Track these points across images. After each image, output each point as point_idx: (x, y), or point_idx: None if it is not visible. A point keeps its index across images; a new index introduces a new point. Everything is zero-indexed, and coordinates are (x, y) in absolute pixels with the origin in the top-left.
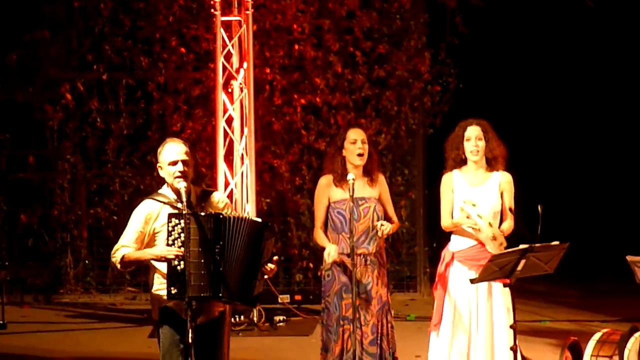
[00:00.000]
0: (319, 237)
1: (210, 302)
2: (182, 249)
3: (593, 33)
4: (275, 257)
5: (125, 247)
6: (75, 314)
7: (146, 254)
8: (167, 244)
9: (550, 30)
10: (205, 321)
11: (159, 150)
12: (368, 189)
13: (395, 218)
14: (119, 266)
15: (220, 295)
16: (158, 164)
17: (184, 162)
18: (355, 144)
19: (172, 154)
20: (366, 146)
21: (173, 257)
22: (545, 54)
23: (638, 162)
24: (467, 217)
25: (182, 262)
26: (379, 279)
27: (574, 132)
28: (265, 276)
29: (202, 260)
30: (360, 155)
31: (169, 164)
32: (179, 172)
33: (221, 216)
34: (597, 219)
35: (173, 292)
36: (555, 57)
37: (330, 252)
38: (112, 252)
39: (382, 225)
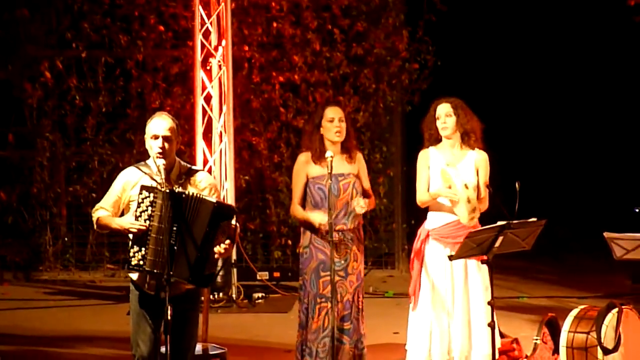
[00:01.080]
0: (298, 211)
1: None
2: (148, 222)
3: (572, 10)
4: (228, 241)
5: (102, 210)
6: (55, 291)
7: (114, 222)
8: (135, 215)
9: (528, 5)
10: (172, 296)
11: (147, 122)
12: (347, 165)
13: (372, 194)
14: (95, 226)
15: (171, 273)
16: (145, 135)
17: (165, 137)
18: (333, 122)
19: (155, 128)
20: (343, 124)
21: (135, 231)
22: (523, 29)
23: (616, 138)
24: (449, 187)
25: (144, 235)
26: (358, 255)
27: (551, 109)
28: (216, 256)
29: (161, 237)
30: (337, 133)
31: (151, 137)
32: (159, 147)
33: (184, 195)
34: (574, 196)
35: (133, 262)
36: (533, 33)
37: (322, 220)
38: (92, 210)
39: (358, 203)
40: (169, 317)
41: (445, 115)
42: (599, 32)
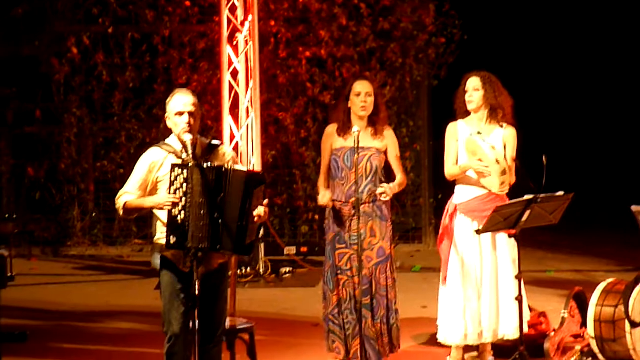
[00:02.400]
0: (319, 183)
1: (210, 253)
2: (183, 199)
3: None
4: (266, 202)
5: (128, 194)
6: (83, 266)
7: (147, 201)
8: (169, 194)
9: None
10: (205, 272)
11: (167, 101)
12: (370, 139)
13: (400, 174)
14: (121, 212)
15: (218, 247)
16: (166, 114)
17: (190, 113)
18: (360, 96)
19: (179, 104)
20: (370, 99)
21: (170, 204)
22: (550, 2)
23: None
24: (477, 159)
25: (182, 213)
26: (376, 231)
27: (579, 83)
28: (255, 220)
29: (203, 212)
30: (363, 108)
31: (175, 115)
32: (185, 123)
33: (223, 169)
34: (602, 169)
35: (172, 241)
36: (560, 5)
37: (321, 198)
38: (116, 197)
39: (380, 192)
40: (198, 293)
41: (473, 89)
42: (628, 5)
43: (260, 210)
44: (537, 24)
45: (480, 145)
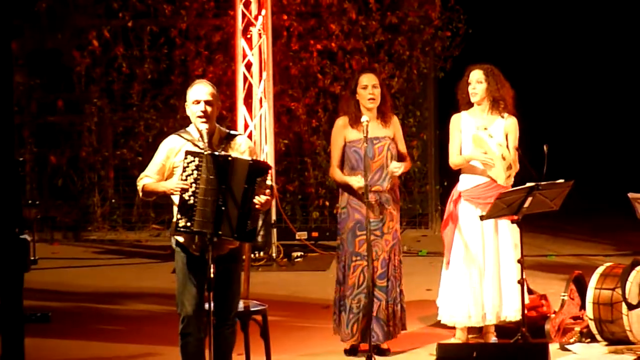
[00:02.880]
0: (337, 174)
1: (219, 239)
2: (194, 185)
3: None
4: (268, 191)
5: (147, 177)
6: (103, 250)
7: (160, 186)
8: (180, 179)
9: None
10: (215, 256)
11: (187, 90)
12: (381, 129)
13: (407, 156)
14: (140, 194)
15: (220, 232)
16: (185, 103)
17: (207, 102)
18: (367, 89)
19: (197, 93)
20: (377, 91)
21: (179, 190)
22: None
23: None
24: (485, 153)
25: (191, 198)
26: (393, 216)
27: (580, 73)
28: (257, 207)
29: (209, 198)
30: (371, 100)
31: (193, 103)
32: (201, 111)
33: (230, 158)
34: (601, 157)
35: (181, 224)
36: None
37: (360, 183)
38: (138, 179)
39: (394, 168)
40: (212, 276)
41: (476, 81)
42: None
43: (261, 198)
44: (539, 17)
45: (487, 142)
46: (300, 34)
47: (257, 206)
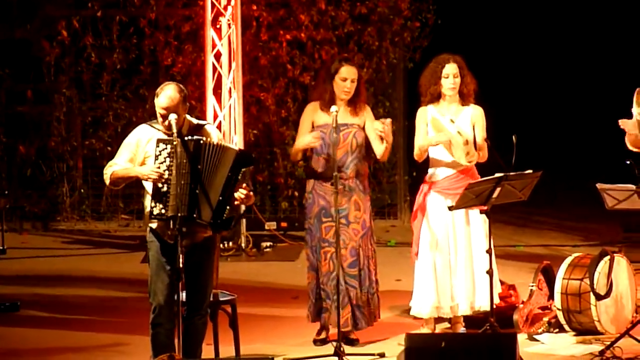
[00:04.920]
0: (295, 145)
1: (194, 227)
2: (167, 172)
3: None
4: (247, 188)
5: (116, 165)
6: (72, 240)
7: (133, 170)
8: (153, 167)
9: None
10: (189, 245)
11: (156, 92)
12: (350, 117)
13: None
14: (108, 182)
15: (195, 215)
16: (155, 100)
17: (173, 110)
18: (345, 82)
19: (164, 102)
20: (353, 85)
21: (156, 176)
22: None
23: (610, 89)
24: (439, 131)
25: (165, 185)
26: (360, 204)
27: (547, 62)
28: (236, 202)
29: (183, 182)
30: (345, 92)
31: (160, 112)
32: (168, 122)
33: (201, 141)
34: (568, 147)
35: (155, 211)
36: None
37: (308, 140)
38: (105, 168)
39: (378, 126)
40: (183, 265)
41: (453, 75)
42: None
43: (241, 192)
44: (506, 6)
45: (440, 120)
46: (269, 24)
47: (236, 201)
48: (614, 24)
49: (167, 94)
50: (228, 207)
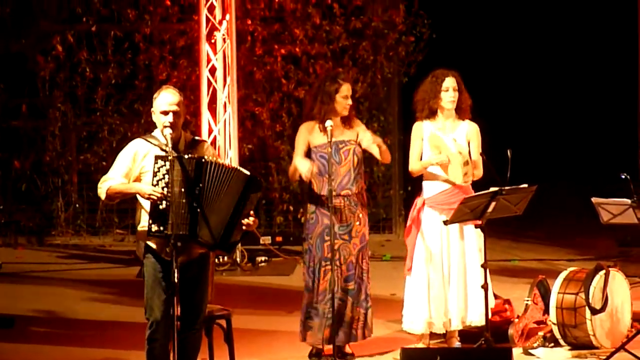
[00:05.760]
0: (295, 160)
1: (190, 243)
2: (165, 190)
3: None
4: (252, 213)
5: (112, 180)
6: (66, 255)
7: (132, 187)
8: (152, 185)
9: None
10: (185, 261)
11: (154, 96)
12: (346, 132)
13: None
14: (103, 197)
15: (197, 235)
16: (152, 109)
17: (174, 113)
18: (347, 99)
19: (164, 104)
20: (350, 101)
21: (156, 198)
22: (514, 4)
23: (606, 104)
24: (439, 154)
25: (164, 202)
26: (361, 219)
27: (542, 77)
28: (244, 227)
29: (183, 201)
30: (347, 108)
31: (160, 113)
32: (169, 122)
33: (203, 160)
34: (563, 161)
35: (154, 229)
36: (524, 7)
37: (306, 169)
38: (99, 182)
39: (366, 138)
40: (178, 281)
41: (453, 89)
42: (586, 6)
43: (250, 219)
44: (502, 21)
45: (442, 138)
46: (264, 38)
47: (244, 227)
48: (607, 41)
49: (168, 91)
50: (235, 231)
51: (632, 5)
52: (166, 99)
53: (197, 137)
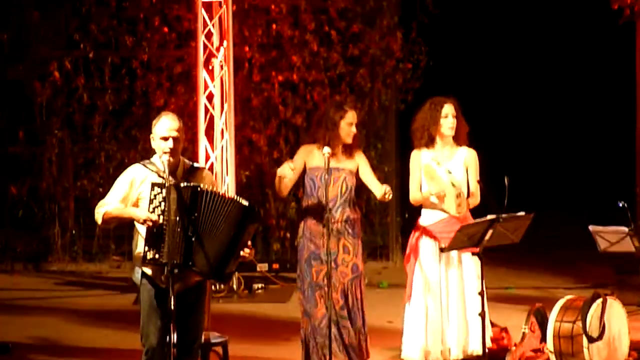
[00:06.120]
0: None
1: (187, 271)
2: (161, 217)
3: (558, 13)
4: (249, 244)
5: (109, 205)
6: (63, 281)
7: (128, 211)
8: (148, 212)
9: (513, 9)
10: (182, 289)
11: (154, 122)
12: (345, 161)
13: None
14: (99, 221)
15: (190, 263)
16: (151, 135)
17: (174, 139)
18: (352, 126)
19: (164, 130)
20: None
21: (151, 223)
22: (510, 32)
23: (603, 132)
24: (432, 178)
25: (159, 229)
26: (350, 248)
27: (539, 104)
28: (240, 259)
29: (179, 229)
30: (351, 136)
31: (160, 139)
32: (169, 148)
33: (199, 188)
34: (560, 189)
35: (149, 256)
36: (520, 36)
37: (283, 171)
38: (96, 207)
39: (385, 193)
40: (174, 308)
41: (452, 115)
42: (583, 34)
43: (246, 251)
44: (498, 49)
45: (436, 170)
46: (261, 65)
47: (239, 259)
48: (605, 70)
49: (168, 117)
50: (231, 262)
51: (629, 35)
52: (166, 125)
53: (196, 164)
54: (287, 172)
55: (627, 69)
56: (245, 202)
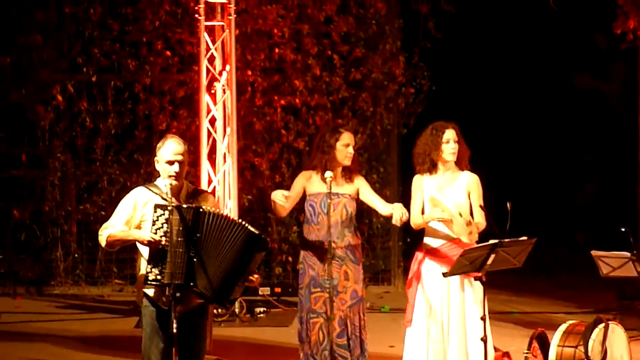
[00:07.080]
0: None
1: (189, 293)
2: (164, 239)
3: (558, 41)
4: (255, 271)
5: (112, 227)
6: (65, 305)
7: (131, 234)
8: (152, 232)
9: (516, 34)
10: (183, 312)
11: (158, 145)
12: (345, 185)
13: (385, 205)
14: (103, 244)
15: (192, 284)
16: (156, 158)
17: (179, 162)
18: (348, 148)
19: (170, 153)
20: (353, 150)
21: (153, 243)
22: (512, 57)
23: (603, 161)
24: (441, 211)
25: (162, 250)
26: (350, 274)
27: (542, 131)
28: (246, 283)
29: (181, 250)
30: (349, 158)
31: (166, 162)
32: (175, 172)
33: (201, 209)
34: (563, 214)
35: (151, 277)
36: (523, 61)
37: (277, 195)
38: (100, 230)
39: (401, 215)
40: (177, 331)
41: (454, 140)
42: (587, 61)
43: (254, 277)
44: (501, 75)
45: (441, 201)
46: (264, 89)
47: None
48: (606, 97)
49: (173, 141)
50: (236, 288)
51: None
52: (172, 149)
53: (199, 188)
54: (278, 199)
55: (630, 96)
56: (254, 230)
